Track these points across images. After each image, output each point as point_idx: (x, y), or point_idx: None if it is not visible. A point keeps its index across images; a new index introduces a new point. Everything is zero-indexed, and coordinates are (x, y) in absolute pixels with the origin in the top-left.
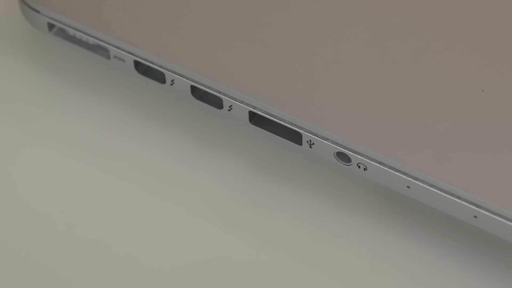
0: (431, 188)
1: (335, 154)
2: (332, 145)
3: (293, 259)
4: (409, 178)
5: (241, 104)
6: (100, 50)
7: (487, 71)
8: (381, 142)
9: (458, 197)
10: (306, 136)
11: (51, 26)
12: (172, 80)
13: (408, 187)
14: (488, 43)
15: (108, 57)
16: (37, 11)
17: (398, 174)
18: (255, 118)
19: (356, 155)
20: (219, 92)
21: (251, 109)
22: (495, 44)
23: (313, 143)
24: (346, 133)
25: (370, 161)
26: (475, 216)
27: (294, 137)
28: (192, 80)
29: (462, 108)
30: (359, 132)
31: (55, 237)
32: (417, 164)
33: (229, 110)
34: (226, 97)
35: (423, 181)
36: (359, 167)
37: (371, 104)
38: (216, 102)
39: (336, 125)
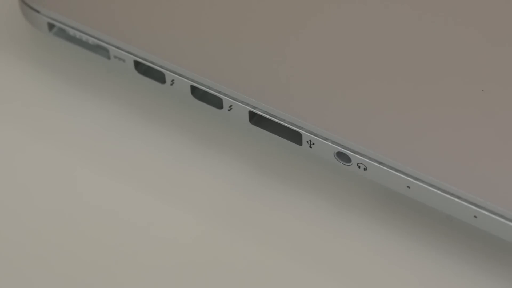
0: (431, 188)
1: (335, 154)
2: (332, 145)
3: (292, 259)
4: (409, 178)
5: (241, 104)
6: (100, 50)
7: (487, 71)
8: (381, 142)
9: (458, 197)
10: (306, 136)
11: (51, 26)
12: (172, 80)
13: (408, 187)
14: (488, 43)
15: (108, 57)
16: (37, 11)
17: (398, 174)
18: (255, 118)
19: (356, 155)
20: (219, 92)
21: (251, 109)
22: (495, 44)
23: (313, 143)
24: (346, 133)
25: (370, 161)
26: (475, 216)
27: (294, 137)
28: (192, 80)
29: (462, 108)
30: (359, 132)
31: (56, 234)
32: (417, 164)
33: (229, 110)
34: (226, 97)
35: (423, 181)
36: (359, 167)
37: (371, 104)
38: (216, 102)
39: (336, 125)
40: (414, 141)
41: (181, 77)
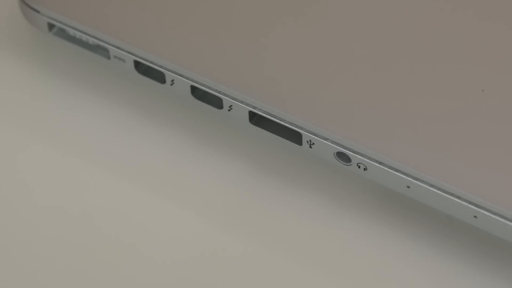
0: (431, 188)
1: (335, 154)
2: (332, 145)
3: (292, 259)
4: (409, 178)
5: (241, 104)
6: (100, 50)
7: (487, 71)
8: (381, 142)
9: (458, 197)
10: (306, 136)
11: (51, 26)
12: (172, 80)
13: (408, 187)
14: (489, 43)
15: (108, 57)
16: (37, 11)
17: (398, 174)
18: (255, 118)
19: (356, 155)
20: (219, 92)
21: (251, 109)
22: (496, 44)
23: (313, 143)
24: (346, 133)
25: (370, 161)
26: (475, 216)
27: (294, 137)
28: (192, 80)
29: (462, 108)
30: (359, 132)
31: (54, 235)
32: (417, 164)
33: (229, 110)
34: (226, 97)
35: (423, 181)
36: (359, 167)
37: (371, 104)
38: (216, 102)
39: (336, 125)
40: (414, 141)
41: (181, 77)
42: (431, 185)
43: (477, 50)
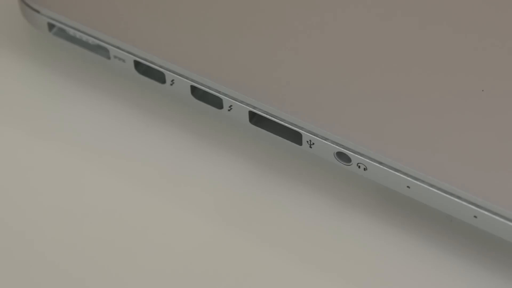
0: (431, 188)
1: (335, 154)
2: (332, 145)
3: (292, 260)
4: (409, 178)
5: (241, 104)
6: (100, 50)
7: (487, 71)
8: (381, 142)
9: (458, 197)
10: (306, 136)
11: (51, 26)
12: (172, 80)
13: (408, 187)
14: (489, 43)
15: (108, 57)
16: (37, 11)
17: (398, 174)
18: (255, 118)
19: (356, 155)
20: (219, 92)
21: (251, 109)
22: (496, 44)
23: (313, 143)
24: (346, 133)
25: (370, 161)
26: (475, 216)
27: (294, 137)
28: (192, 80)
29: (462, 108)
30: (359, 132)
31: (55, 236)
32: (417, 164)
33: (229, 110)
34: (226, 97)
35: (423, 181)
36: (359, 167)
37: (371, 104)
38: (216, 102)
39: (336, 125)
40: (414, 141)
41: (181, 77)
42: (431, 185)
43: (477, 49)
